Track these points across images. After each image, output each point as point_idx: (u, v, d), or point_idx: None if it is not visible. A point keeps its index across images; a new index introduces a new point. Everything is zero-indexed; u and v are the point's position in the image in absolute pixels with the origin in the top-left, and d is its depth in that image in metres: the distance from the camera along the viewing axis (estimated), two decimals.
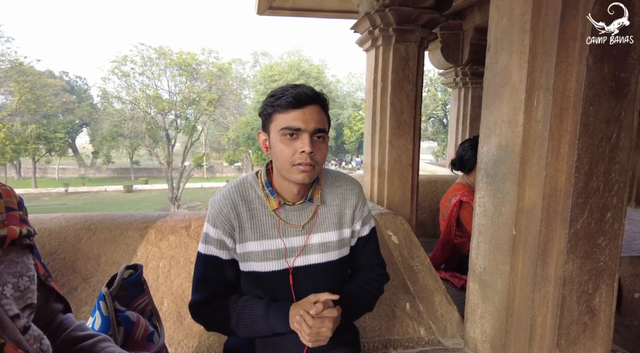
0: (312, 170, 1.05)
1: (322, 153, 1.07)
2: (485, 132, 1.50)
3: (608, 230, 1.32)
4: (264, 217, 1.12)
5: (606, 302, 1.35)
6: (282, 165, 1.06)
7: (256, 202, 1.13)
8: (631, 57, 1.25)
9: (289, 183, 1.10)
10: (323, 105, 1.09)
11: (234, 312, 1.09)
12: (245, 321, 1.08)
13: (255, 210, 1.12)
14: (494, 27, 1.47)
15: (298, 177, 1.04)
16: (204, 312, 1.12)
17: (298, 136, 1.03)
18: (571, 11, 1.24)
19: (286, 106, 1.02)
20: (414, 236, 1.79)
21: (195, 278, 1.14)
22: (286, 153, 1.03)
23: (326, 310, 1.02)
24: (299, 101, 1.02)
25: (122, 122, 27.05)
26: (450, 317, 1.69)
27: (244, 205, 1.12)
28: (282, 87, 1.08)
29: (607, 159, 1.28)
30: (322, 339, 1.01)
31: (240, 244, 1.12)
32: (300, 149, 1.02)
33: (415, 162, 2.93)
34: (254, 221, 1.12)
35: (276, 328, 1.07)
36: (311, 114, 1.03)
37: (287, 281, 1.13)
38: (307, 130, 1.02)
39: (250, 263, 1.12)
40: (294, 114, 1.02)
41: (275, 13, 3.74)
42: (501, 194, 1.42)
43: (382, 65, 2.82)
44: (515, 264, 1.39)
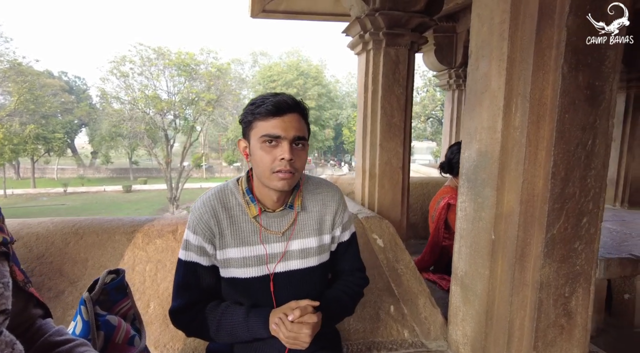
0: (292, 177, 1.07)
1: (302, 160, 1.09)
2: (466, 138, 1.53)
3: (584, 234, 1.34)
4: (245, 223, 1.14)
5: (582, 305, 1.38)
6: (262, 172, 1.07)
7: (236, 209, 1.14)
8: (605, 65, 1.27)
9: (268, 191, 1.12)
10: (303, 113, 1.11)
11: (214, 319, 1.11)
12: (225, 327, 1.10)
13: (236, 217, 1.14)
14: (475, 35, 1.49)
15: (278, 184, 1.06)
16: (184, 318, 1.14)
17: (278, 143, 1.04)
18: (547, 21, 1.26)
19: (266, 114, 1.04)
20: (399, 239, 1.81)
21: (176, 284, 1.16)
22: (266, 160, 1.05)
23: (306, 315, 1.04)
24: (279, 109, 1.04)
25: (121, 122, 27.06)
26: (434, 320, 1.71)
27: (224, 212, 1.13)
28: (262, 95, 1.10)
29: (582, 165, 1.30)
30: (300, 343, 1.03)
31: (221, 250, 1.13)
32: (280, 156, 1.04)
33: (405, 164, 2.96)
34: (234, 228, 1.13)
35: (256, 334, 1.08)
36: (291, 122, 1.05)
37: (267, 287, 1.15)
38: (287, 137, 1.04)
39: (231, 270, 1.14)
40: (274, 121, 1.04)
41: (268, 16, 3.76)
42: (481, 199, 1.45)
43: (373, 68, 2.84)
44: (495, 268, 1.41)
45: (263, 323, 1.07)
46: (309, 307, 1.06)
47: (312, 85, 29.03)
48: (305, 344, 1.03)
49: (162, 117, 28.30)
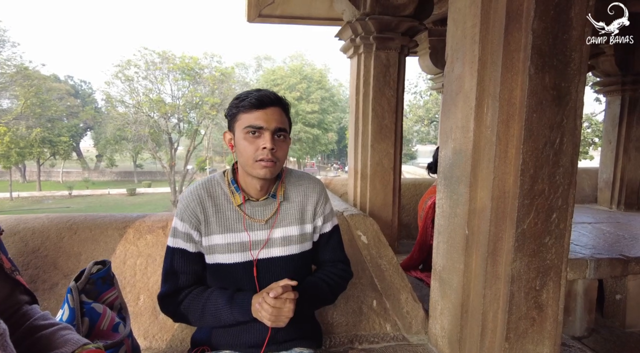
0: (274, 166, 1.14)
1: (283, 150, 1.17)
2: (443, 137, 1.58)
3: (554, 230, 1.39)
4: (229, 212, 1.21)
5: (553, 298, 1.42)
6: (245, 161, 1.14)
7: (222, 198, 1.22)
8: (570, 68, 1.33)
9: (252, 180, 1.19)
10: (284, 108, 1.19)
11: (199, 303, 1.17)
12: (209, 311, 1.16)
13: (221, 205, 1.21)
14: (450, 38, 1.55)
15: (260, 172, 1.13)
16: (171, 302, 1.20)
17: (260, 134, 1.12)
18: (514, 25, 1.32)
19: (250, 107, 1.12)
20: (382, 236, 1.87)
21: (164, 270, 1.23)
22: (249, 150, 1.12)
23: (285, 293, 1.08)
24: (261, 102, 1.12)
25: (126, 125, 27.32)
26: (416, 314, 1.76)
27: (210, 200, 1.20)
28: (247, 91, 1.18)
29: (551, 163, 1.36)
30: (282, 319, 1.07)
31: (206, 237, 1.20)
32: (262, 146, 1.11)
33: (396, 165, 3.01)
34: (220, 215, 1.20)
35: (239, 317, 1.14)
36: (273, 115, 1.13)
37: (250, 272, 1.21)
38: (269, 128, 1.12)
39: (215, 256, 1.21)
40: (257, 113, 1.12)
41: (265, 20, 3.84)
42: (456, 196, 1.50)
43: (364, 71, 2.91)
44: (469, 262, 1.46)
45: (246, 307, 1.13)
46: (288, 285, 1.10)
47: (315, 88, 29.16)
48: (287, 320, 1.07)
49: (166, 121, 28.55)
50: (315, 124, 29.11)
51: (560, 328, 1.47)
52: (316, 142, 29.73)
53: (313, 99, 28.58)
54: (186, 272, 1.21)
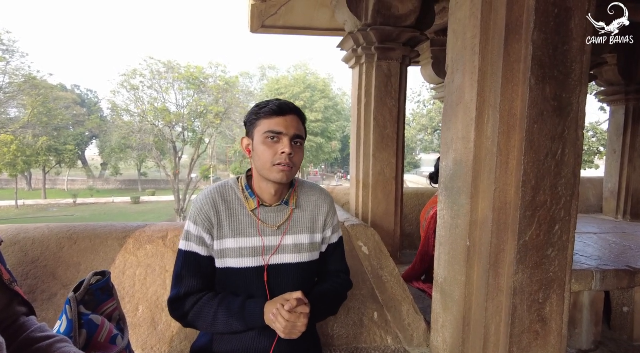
0: (290, 171, 1.17)
1: (299, 157, 1.20)
2: (444, 148, 1.58)
3: (557, 242, 1.37)
4: (242, 216, 1.22)
5: (557, 311, 1.40)
6: (263, 165, 1.17)
7: (235, 203, 1.23)
8: (572, 78, 1.33)
9: (267, 185, 1.21)
10: (301, 117, 1.23)
11: (210, 310, 1.16)
12: (221, 319, 1.15)
13: (234, 209, 1.23)
14: (450, 49, 1.56)
15: (277, 176, 1.16)
16: (181, 307, 1.19)
17: (279, 139, 1.16)
18: (514, 36, 1.32)
19: (271, 113, 1.17)
20: (384, 247, 1.85)
21: (175, 274, 1.22)
22: (268, 154, 1.16)
23: (300, 306, 1.09)
24: (282, 110, 1.17)
25: (131, 134, 27.53)
26: (417, 327, 1.74)
27: (224, 204, 1.22)
28: (266, 100, 1.22)
29: (553, 174, 1.34)
30: (296, 333, 1.09)
31: (218, 241, 1.21)
32: (281, 150, 1.15)
33: (399, 175, 3.00)
34: (233, 220, 1.21)
35: (252, 324, 1.14)
36: (292, 122, 1.18)
37: (261, 278, 1.21)
38: (288, 134, 1.16)
39: (226, 260, 1.21)
40: (277, 120, 1.16)
41: (268, 31, 3.88)
42: (457, 207, 1.49)
43: (366, 81, 2.92)
44: (471, 274, 1.44)
45: (259, 314, 1.13)
46: (302, 299, 1.11)
47: (319, 98, 29.31)
48: (300, 333, 1.09)
49: (170, 130, 28.75)
50: (319, 133, 29.19)
51: (565, 342, 1.44)
52: (320, 150, 29.78)
53: (317, 108, 28.71)
54: (197, 276, 1.21)
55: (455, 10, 1.53)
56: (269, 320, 1.10)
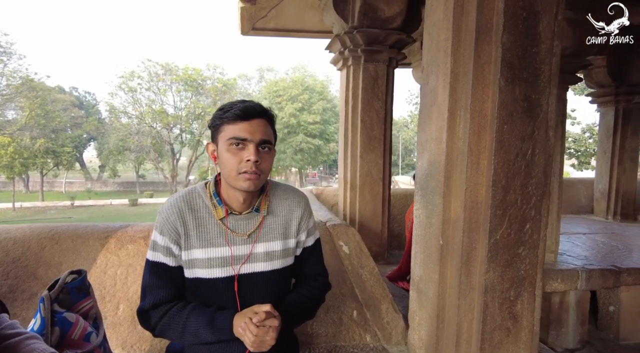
0: (258, 178, 1.12)
1: (267, 163, 1.15)
2: (419, 148, 1.60)
3: (528, 240, 1.40)
4: (211, 225, 1.19)
5: (528, 309, 1.42)
6: (228, 173, 1.13)
7: (203, 211, 1.19)
8: (541, 80, 1.35)
9: (235, 192, 1.17)
10: (270, 120, 1.17)
11: (179, 321, 1.15)
12: (190, 330, 1.14)
13: (202, 218, 1.19)
14: (426, 52, 1.58)
15: (244, 185, 1.12)
16: (151, 318, 1.17)
17: (245, 146, 1.10)
18: (485, 38, 1.35)
19: (234, 118, 1.11)
20: (364, 246, 1.87)
21: (143, 284, 1.20)
22: (233, 162, 1.10)
23: (268, 320, 1.08)
24: (246, 114, 1.11)
25: (128, 136, 27.56)
26: (396, 325, 1.76)
27: (191, 213, 1.18)
28: (232, 102, 1.17)
29: (523, 174, 1.37)
30: (265, 346, 1.07)
31: (186, 251, 1.18)
32: (246, 158, 1.09)
33: (386, 176, 3.03)
34: (200, 229, 1.18)
35: (221, 336, 1.12)
36: (257, 126, 1.12)
37: (232, 288, 1.19)
38: (254, 140, 1.10)
39: (195, 270, 1.19)
40: (241, 125, 1.10)
41: (258, 33, 3.90)
42: (431, 206, 1.51)
43: (353, 83, 2.95)
44: (444, 273, 1.47)
45: (228, 326, 1.11)
46: (271, 311, 1.09)
47: (317, 100, 29.35)
48: (269, 346, 1.08)
49: (168, 132, 28.78)
50: (317, 135, 29.22)
51: (537, 339, 1.46)
52: (318, 152, 29.80)
53: (315, 109, 28.75)
54: (166, 287, 1.19)
55: (430, 13, 1.56)
56: (239, 333, 1.09)
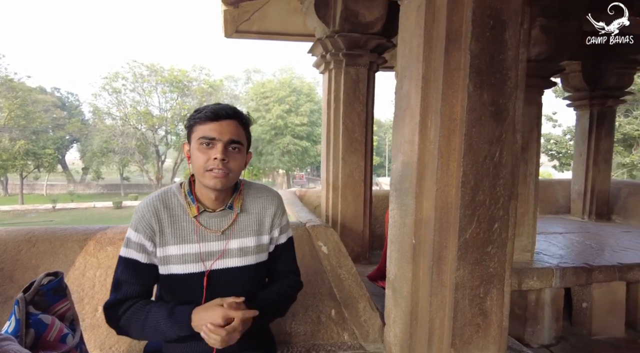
0: (225, 176, 1.17)
1: (237, 162, 1.20)
2: (394, 151, 1.65)
3: (496, 239, 1.46)
4: (185, 223, 1.24)
5: (497, 305, 1.48)
6: (198, 171, 1.19)
7: (178, 209, 1.25)
8: (508, 85, 1.42)
9: (207, 190, 1.23)
10: (241, 121, 1.23)
11: (140, 316, 1.17)
12: (151, 324, 1.16)
13: (177, 216, 1.24)
14: (400, 57, 1.64)
15: (210, 183, 1.17)
16: (115, 313, 1.20)
17: (213, 145, 1.17)
18: (454, 45, 1.40)
19: (205, 119, 1.18)
20: (342, 246, 1.92)
21: (114, 280, 1.23)
22: (201, 160, 1.17)
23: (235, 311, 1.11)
24: (216, 115, 1.18)
25: (113, 138, 27.17)
26: (373, 323, 1.80)
27: (166, 211, 1.23)
28: (206, 105, 1.23)
29: (491, 175, 1.43)
30: (231, 342, 1.10)
31: (161, 248, 1.22)
32: (213, 156, 1.16)
33: (367, 177, 3.08)
34: (176, 226, 1.23)
35: (179, 332, 1.15)
36: (227, 127, 1.18)
37: (202, 284, 1.23)
38: (222, 140, 1.16)
39: (170, 266, 1.23)
40: (211, 125, 1.17)
41: (242, 36, 3.92)
42: (405, 207, 1.56)
43: (335, 87, 2.99)
44: (417, 271, 1.52)
45: (185, 321, 1.13)
46: (234, 303, 1.13)
47: (304, 101, 29.40)
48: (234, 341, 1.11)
49: (153, 133, 28.48)
50: (304, 136, 29.26)
51: (505, 334, 1.52)
52: (305, 154, 29.84)
53: (302, 111, 28.80)
54: (135, 283, 1.22)
55: (403, 20, 1.61)
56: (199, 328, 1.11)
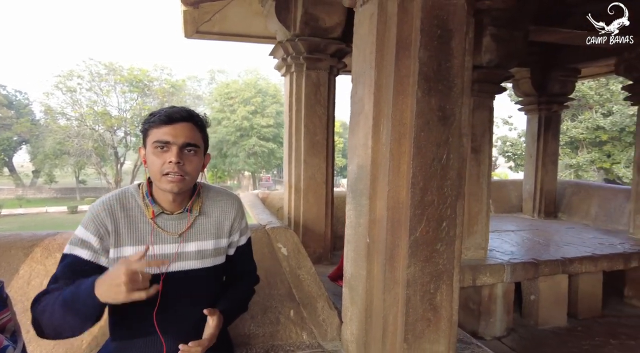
0: (181, 180, 1.17)
1: (193, 165, 1.20)
2: (350, 153, 1.70)
3: (444, 237, 1.54)
4: (142, 224, 1.22)
5: (447, 300, 1.56)
6: (154, 175, 1.18)
7: (135, 210, 1.23)
8: (454, 91, 1.50)
9: (164, 193, 1.21)
10: (197, 124, 1.22)
11: (52, 298, 1.07)
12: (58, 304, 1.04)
13: (134, 217, 1.22)
14: (354, 63, 1.69)
15: (167, 187, 1.16)
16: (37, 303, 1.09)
17: (168, 149, 1.16)
18: (404, 53, 1.47)
19: (159, 123, 1.16)
20: (302, 248, 1.94)
21: (53, 275, 1.16)
22: (157, 164, 1.15)
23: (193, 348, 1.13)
24: (170, 118, 1.16)
25: (67, 139, 25.75)
26: (331, 322, 1.84)
27: (123, 212, 1.21)
28: (161, 108, 1.22)
29: (439, 177, 1.51)
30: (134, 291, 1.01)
31: (115, 249, 1.19)
32: (168, 159, 1.15)
33: (329, 179, 3.13)
34: (132, 228, 1.21)
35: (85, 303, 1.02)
36: (182, 130, 1.17)
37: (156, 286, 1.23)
38: (176, 143, 1.15)
39: None
40: (165, 129, 1.16)
41: (203, 37, 3.87)
42: (360, 207, 1.62)
43: (296, 89, 3.02)
44: (371, 269, 1.57)
45: (88, 287, 1.01)
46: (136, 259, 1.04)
47: (270, 103, 29.17)
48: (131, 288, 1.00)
49: (112, 134, 27.27)
50: (270, 138, 29.04)
51: (455, 327, 1.61)
52: (272, 155, 29.61)
53: (268, 112, 28.58)
54: (68, 278, 1.14)
55: (357, 28, 1.67)
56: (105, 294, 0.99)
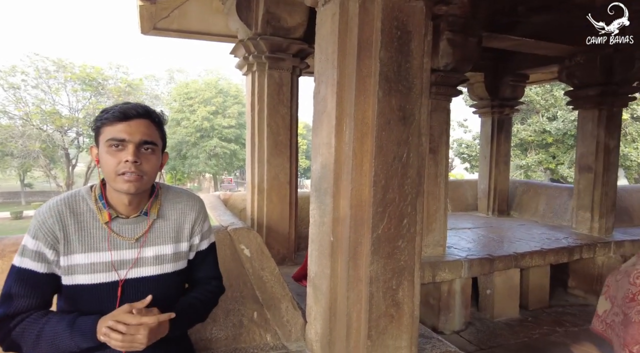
0: (139, 180, 1.10)
1: (151, 164, 1.13)
2: (314, 152, 1.71)
3: (405, 234, 1.57)
4: (95, 229, 1.14)
5: (409, 296, 1.60)
6: (108, 175, 1.10)
7: (87, 215, 1.14)
8: (413, 92, 1.54)
9: (119, 195, 1.13)
10: (154, 120, 1.15)
11: (35, 328, 1.05)
12: (47, 336, 1.05)
13: (85, 222, 1.14)
14: (317, 63, 1.70)
15: (123, 187, 1.09)
16: (5, 327, 1.06)
17: (124, 147, 1.08)
18: (365, 53, 1.50)
19: (113, 119, 1.08)
20: (265, 249, 1.92)
21: (4, 292, 1.09)
22: (111, 163, 1.08)
23: (145, 317, 1.03)
24: (125, 115, 1.09)
25: (10, 140, 23.93)
26: (295, 322, 1.83)
27: (72, 217, 1.12)
28: (115, 104, 1.14)
29: (400, 175, 1.54)
30: (136, 346, 1.02)
31: (66, 256, 1.11)
32: (124, 159, 1.07)
33: (292, 179, 3.12)
34: (83, 233, 1.13)
35: (81, 343, 1.06)
36: (138, 127, 1.10)
37: (115, 294, 1.14)
38: (132, 141, 1.08)
39: (76, 276, 1.12)
40: (120, 126, 1.08)
41: (160, 34, 3.74)
42: (324, 206, 1.62)
43: (259, 89, 2.99)
44: (335, 267, 1.58)
45: (90, 331, 1.04)
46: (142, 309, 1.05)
47: (231, 103, 28.64)
48: (142, 346, 1.03)
49: (62, 135, 25.67)
50: (232, 139, 28.51)
51: (417, 322, 1.65)
52: (234, 157, 29.08)
53: (230, 113, 28.06)
54: (29, 296, 1.09)
55: (319, 27, 1.68)
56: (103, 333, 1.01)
